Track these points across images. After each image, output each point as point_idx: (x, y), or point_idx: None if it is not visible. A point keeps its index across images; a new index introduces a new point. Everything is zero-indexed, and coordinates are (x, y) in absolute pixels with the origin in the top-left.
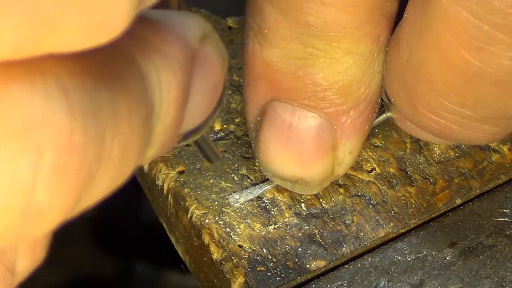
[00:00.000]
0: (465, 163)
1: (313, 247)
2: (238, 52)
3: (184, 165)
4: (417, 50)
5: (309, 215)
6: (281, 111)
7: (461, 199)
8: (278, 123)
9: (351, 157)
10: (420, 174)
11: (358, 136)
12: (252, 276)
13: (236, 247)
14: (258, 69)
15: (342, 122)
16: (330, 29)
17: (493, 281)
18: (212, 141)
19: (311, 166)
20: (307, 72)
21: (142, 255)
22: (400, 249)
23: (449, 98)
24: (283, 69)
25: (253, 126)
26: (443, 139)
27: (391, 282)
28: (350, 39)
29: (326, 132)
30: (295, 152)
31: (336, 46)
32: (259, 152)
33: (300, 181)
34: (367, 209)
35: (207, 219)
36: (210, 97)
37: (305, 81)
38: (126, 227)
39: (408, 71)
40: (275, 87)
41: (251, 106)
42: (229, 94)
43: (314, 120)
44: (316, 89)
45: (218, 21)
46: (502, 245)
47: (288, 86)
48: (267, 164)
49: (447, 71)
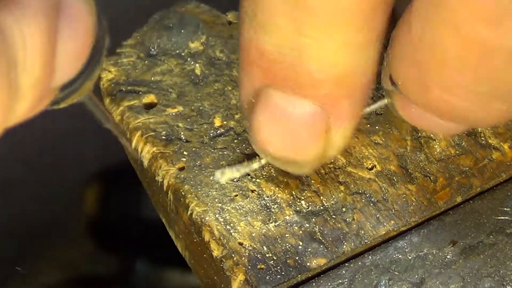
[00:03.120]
0: (466, 161)
1: (313, 245)
2: (238, 47)
3: (184, 162)
4: (431, 28)
5: (310, 213)
6: (276, 98)
7: (461, 197)
8: (272, 109)
9: (344, 141)
10: (420, 171)
11: (352, 122)
12: (253, 274)
13: (237, 244)
14: (253, 56)
15: (337, 110)
16: (327, 16)
17: (494, 279)
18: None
19: (304, 150)
20: (302, 62)
21: (143, 253)
22: (400, 247)
23: (464, 75)
24: (278, 58)
25: (246, 107)
26: (451, 121)
27: (392, 281)
28: (348, 28)
29: (320, 118)
30: (288, 137)
31: (333, 35)
32: (252, 133)
33: (292, 162)
34: (368, 207)
35: (208, 216)
36: (79, 45)
37: (300, 71)
38: (126, 226)
39: (420, 50)
40: (269, 75)
41: (245, 89)
42: (229, 90)
43: (309, 107)
44: (311, 79)
45: (217, 16)
46: (503, 243)
47: (282, 75)
48: (260, 145)
49: (462, 47)
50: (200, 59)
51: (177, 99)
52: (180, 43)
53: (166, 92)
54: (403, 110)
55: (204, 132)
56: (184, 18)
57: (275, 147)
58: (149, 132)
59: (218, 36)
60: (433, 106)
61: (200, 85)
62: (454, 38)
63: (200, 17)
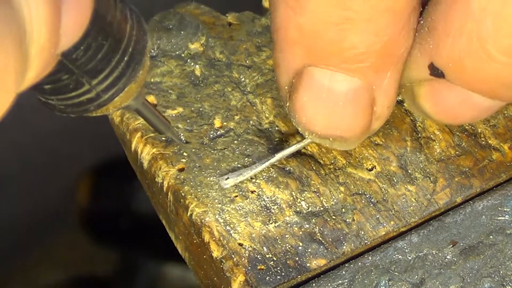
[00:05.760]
0: (466, 161)
1: (313, 246)
2: (238, 48)
3: (184, 163)
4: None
5: (310, 214)
6: (319, 76)
7: (461, 198)
8: (316, 87)
9: (388, 111)
10: (420, 172)
11: (395, 91)
12: (253, 275)
13: (237, 245)
14: (292, 35)
15: (381, 81)
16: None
17: (494, 280)
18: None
19: (351, 126)
20: (344, 36)
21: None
22: (400, 248)
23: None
24: (319, 35)
25: (287, 88)
26: (500, 98)
27: (392, 281)
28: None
29: (365, 93)
30: (335, 114)
31: (373, 5)
32: (295, 114)
33: (339, 139)
34: (368, 207)
35: (207, 217)
36: (81, 14)
37: (343, 46)
38: (127, 225)
39: (484, 20)
40: (311, 53)
41: (285, 70)
42: (229, 91)
43: (354, 82)
44: (354, 53)
45: (217, 17)
46: (503, 244)
47: (324, 52)
48: (306, 125)
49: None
50: (200, 60)
51: (177, 100)
52: (180, 44)
53: (166, 93)
54: (434, 102)
55: (204, 133)
56: (184, 19)
57: (322, 126)
58: (149, 133)
59: (218, 37)
60: (491, 77)
61: (200, 86)
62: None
63: (200, 19)
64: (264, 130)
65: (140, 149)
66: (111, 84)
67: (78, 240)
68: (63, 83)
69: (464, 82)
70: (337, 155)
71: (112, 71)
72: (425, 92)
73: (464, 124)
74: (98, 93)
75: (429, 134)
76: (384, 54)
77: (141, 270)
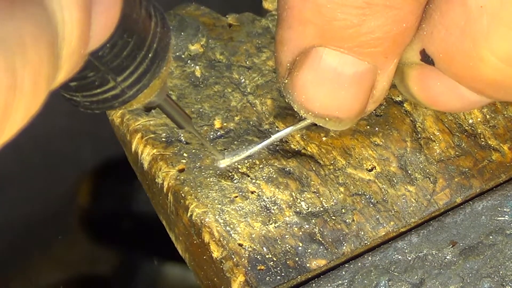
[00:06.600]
0: (466, 162)
1: (313, 246)
2: (238, 49)
3: (184, 164)
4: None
5: (309, 214)
6: (328, 57)
7: (461, 198)
8: (322, 68)
9: (385, 94)
10: (420, 172)
11: (393, 75)
12: (252, 275)
13: (236, 245)
14: (307, 14)
15: (387, 66)
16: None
17: (494, 280)
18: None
19: (350, 107)
20: (363, 21)
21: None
22: (400, 248)
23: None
24: (337, 17)
25: (288, 66)
26: (487, 95)
27: (392, 281)
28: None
29: (370, 76)
30: (337, 95)
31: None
32: (294, 91)
33: (334, 119)
34: (368, 208)
35: (207, 217)
36: (110, 16)
37: (360, 30)
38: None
39: (480, 18)
40: (324, 34)
41: (291, 47)
42: (229, 92)
43: (362, 65)
44: (370, 37)
45: (218, 18)
46: (503, 244)
47: (340, 34)
48: (303, 103)
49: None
50: (200, 61)
51: (177, 101)
52: (180, 45)
53: None
54: (422, 87)
55: (204, 134)
56: (184, 20)
57: (321, 105)
58: (149, 134)
59: (218, 38)
60: (480, 77)
61: (200, 87)
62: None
63: (200, 20)
64: (264, 131)
65: (140, 150)
66: (136, 80)
67: (78, 240)
68: (89, 80)
69: (453, 74)
70: (337, 156)
71: (137, 68)
72: (415, 75)
73: (451, 112)
74: (123, 90)
75: (429, 134)
76: (399, 40)
77: (141, 270)
